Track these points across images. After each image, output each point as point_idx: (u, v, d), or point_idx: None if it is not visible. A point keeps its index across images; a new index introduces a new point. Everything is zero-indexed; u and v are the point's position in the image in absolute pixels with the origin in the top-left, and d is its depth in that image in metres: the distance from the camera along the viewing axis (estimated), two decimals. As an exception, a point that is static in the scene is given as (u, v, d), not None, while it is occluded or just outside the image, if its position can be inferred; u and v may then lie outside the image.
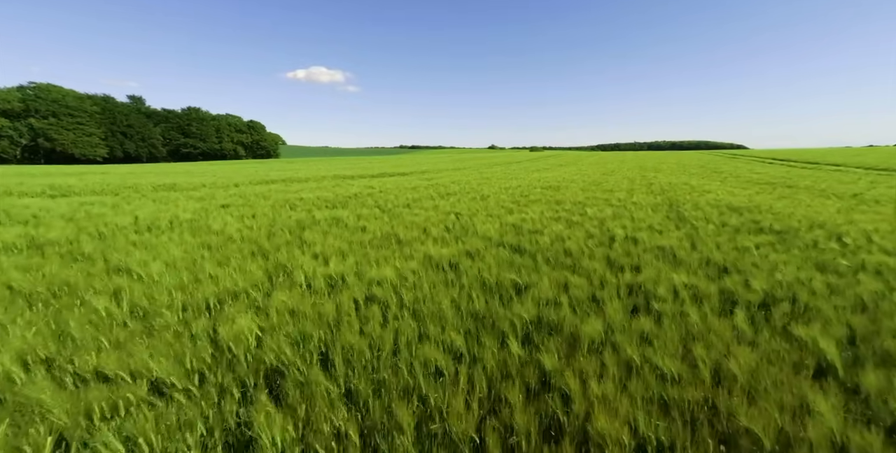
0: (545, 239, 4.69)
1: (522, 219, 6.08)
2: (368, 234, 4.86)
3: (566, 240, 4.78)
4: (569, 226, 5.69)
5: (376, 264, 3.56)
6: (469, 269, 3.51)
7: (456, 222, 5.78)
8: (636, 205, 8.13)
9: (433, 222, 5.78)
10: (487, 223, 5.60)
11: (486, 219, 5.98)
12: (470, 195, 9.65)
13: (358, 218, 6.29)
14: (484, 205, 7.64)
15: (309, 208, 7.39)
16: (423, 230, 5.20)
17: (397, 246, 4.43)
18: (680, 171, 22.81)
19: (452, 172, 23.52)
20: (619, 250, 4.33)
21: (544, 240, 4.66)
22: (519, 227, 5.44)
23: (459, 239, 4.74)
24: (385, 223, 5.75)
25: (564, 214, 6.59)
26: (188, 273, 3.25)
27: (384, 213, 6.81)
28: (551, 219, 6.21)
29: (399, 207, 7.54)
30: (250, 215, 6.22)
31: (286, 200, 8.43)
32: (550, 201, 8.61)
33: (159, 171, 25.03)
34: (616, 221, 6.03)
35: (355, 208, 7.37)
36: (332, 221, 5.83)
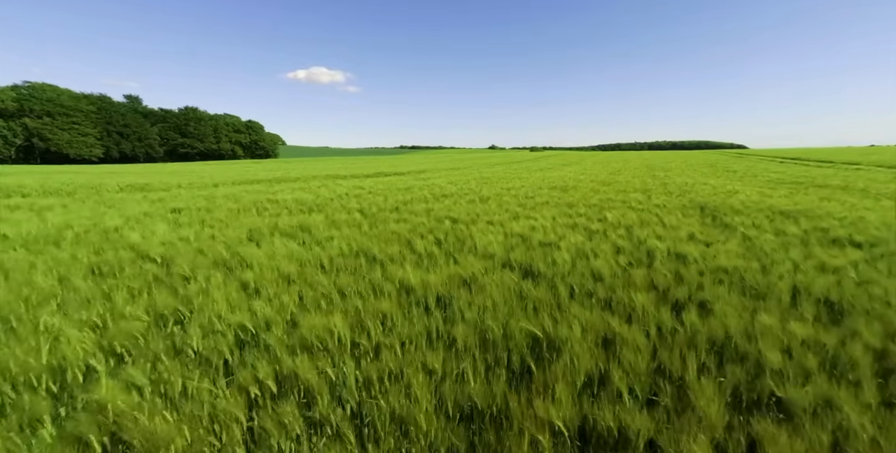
0: (563, 255, 3.55)
1: (531, 226, 4.95)
2: (334, 249, 3.72)
3: (591, 257, 3.65)
4: (590, 237, 4.56)
5: (325, 303, 2.43)
6: (464, 309, 2.38)
7: (450, 232, 4.64)
8: (661, 208, 7.00)
9: (422, 231, 4.65)
10: (488, 233, 4.47)
11: (486, 227, 4.84)
12: (468, 197, 8.51)
13: (331, 225, 5.17)
14: (484, 210, 6.51)
15: (278, 213, 6.26)
16: (408, 243, 4.07)
17: (368, 267, 3.30)
18: (691, 170, 21.66)
19: (450, 172, 22.39)
20: (666, 272, 3.21)
21: (562, 257, 3.53)
22: (528, 239, 4.31)
23: (452, 256, 3.61)
24: (361, 233, 4.62)
25: (581, 220, 5.46)
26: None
27: (365, 219, 5.68)
28: (566, 227, 5.07)
29: (385, 211, 6.41)
30: (198, 222, 5.10)
31: (256, 203, 7.31)
32: (560, 204, 7.47)
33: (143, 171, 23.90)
34: (646, 229, 4.90)
35: (333, 212, 6.24)
36: (295, 230, 4.70)
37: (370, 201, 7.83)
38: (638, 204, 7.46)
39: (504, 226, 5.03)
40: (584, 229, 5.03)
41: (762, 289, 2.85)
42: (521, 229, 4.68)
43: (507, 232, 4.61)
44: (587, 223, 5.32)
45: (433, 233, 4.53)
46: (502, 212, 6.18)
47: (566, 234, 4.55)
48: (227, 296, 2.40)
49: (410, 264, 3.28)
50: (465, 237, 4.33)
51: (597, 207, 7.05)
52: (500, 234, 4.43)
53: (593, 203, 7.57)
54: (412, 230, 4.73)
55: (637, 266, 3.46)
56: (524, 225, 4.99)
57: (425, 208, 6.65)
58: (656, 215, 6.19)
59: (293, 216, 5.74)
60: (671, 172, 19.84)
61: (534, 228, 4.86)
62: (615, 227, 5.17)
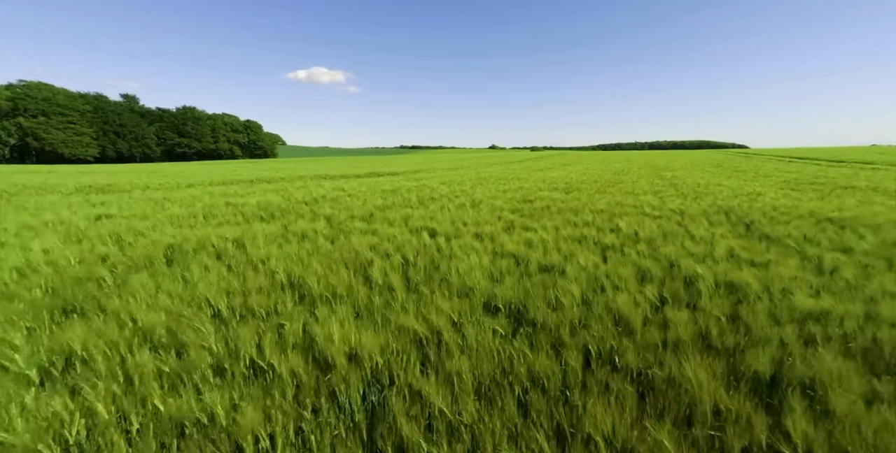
0: (571, 288, 2.55)
1: (528, 241, 3.94)
2: (259, 278, 2.72)
3: (610, 289, 2.65)
4: (603, 256, 3.55)
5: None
6: (410, 413, 1.38)
7: (424, 250, 3.64)
8: (681, 214, 6.00)
9: (389, 249, 3.64)
10: (473, 252, 3.45)
11: (472, 243, 3.82)
12: (458, 200, 7.50)
13: (279, 238, 4.16)
14: (474, 217, 5.50)
15: (226, 221, 5.25)
16: (363, 270, 3.07)
17: (287, 313, 2.30)
18: (698, 170, 20.64)
19: (446, 172, 21.38)
20: (721, 316, 2.21)
21: (570, 291, 2.52)
22: (523, 261, 3.30)
23: (417, 291, 2.61)
24: (312, 250, 3.62)
25: (590, 232, 4.45)
26: None
27: (328, 229, 4.68)
28: (572, 242, 4.06)
29: (355, 219, 5.40)
30: (112, 233, 4.09)
31: (211, 207, 6.31)
32: (563, 209, 6.47)
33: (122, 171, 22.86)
34: (672, 243, 3.89)
35: (294, 220, 5.23)
36: (227, 245, 3.69)
37: (345, 205, 6.83)
38: (652, 209, 6.46)
39: (494, 240, 4.03)
40: (595, 244, 4.03)
41: (882, 352, 1.85)
42: (516, 246, 3.67)
43: (498, 250, 3.60)
44: (598, 235, 4.31)
45: (402, 251, 3.52)
46: (495, 221, 5.18)
47: (573, 252, 3.54)
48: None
49: (352, 306, 2.28)
50: (443, 258, 3.32)
51: (606, 213, 6.04)
52: (487, 254, 3.42)
53: (601, 208, 6.57)
54: (377, 246, 3.72)
55: (676, 304, 2.46)
56: (520, 239, 3.98)
57: (404, 215, 5.64)
58: (678, 223, 5.19)
59: (240, 226, 4.73)
60: (678, 172, 18.83)
61: (531, 244, 3.85)
62: (633, 241, 4.16)
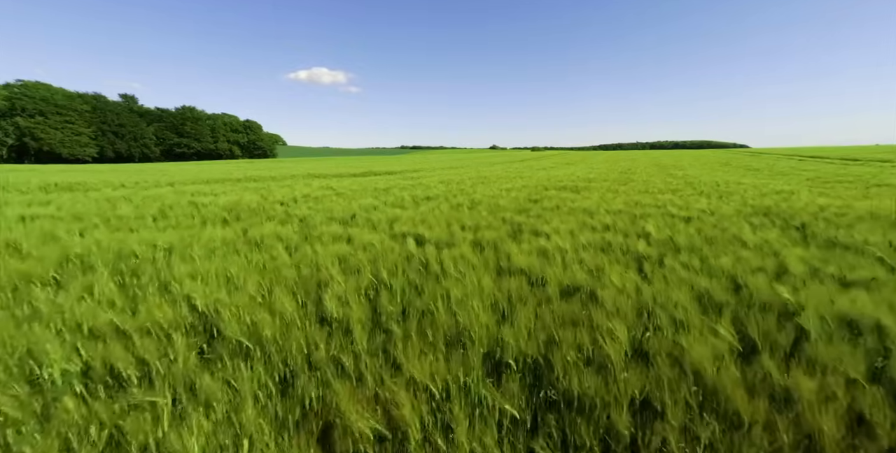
0: (613, 326, 1.70)
1: (541, 251, 3.09)
2: (146, 316, 1.88)
3: (667, 326, 1.80)
4: (641, 272, 2.70)
5: None
6: None
7: (407, 263, 2.79)
8: (713, 215, 5.14)
9: (360, 262, 2.80)
10: (470, 268, 2.60)
11: (470, 253, 2.96)
12: (455, 200, 6.66)
13: (227, 248, 3.32)
14: (473, 220, 4.65)
15: (177, 224, 4.41)
16: (316, 296, 2.23)
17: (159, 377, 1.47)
18: (708, 169, 19.78)
19: (445, 171, 20.54)
20: (866, 386, 1.37)
21: (612, 330, 1.68)
22: (538, 281, 2.46)
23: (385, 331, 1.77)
24: (261, 264, 2.78)
25: (615, 238, 3.59)
26: None
27: (295, 235, 3.84)
28: (595, 250, 3.22)
29: (333, 222, 4.56)
30: (8, 243, 3.26)
31: (171, 207, 5.48)
32: (576, 210, 5.62)
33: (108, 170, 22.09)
34: (724, 253, 3.03)
35: (258, 224, 4.39)
36: (147, 258, 2.86)
37: (327, 206, 6.00)
38: (678, 209, 5.61)
39: (499, 249, 3.18)
40: (625, 254, 3.18)
41: None
42: (526, 257, 2.81)
43: (503, 263, 2.75)
44: (625, 242, 3.45)
45: (377, 265, 2.68)
46: (498, 224, 4.33)
47: (601, 266, 2.69)
48: None
49: (280, 365, 1.43)
50: (429, 278, 2.47)
51: (626, 215, 5.19)
52: (489, 270, 2.57)
53: (618, 208, 5.72)
54: (348, 259, 2.87)
55: (774, 353, 1.62)
56: (530, 248, 3.13)
57: (391, 217, 4.80)
58: (715, 226, 4.34)
59: (189, 230, 3.89)
60: (688, 170, 17.97)
61: (546, 254, 3.00)
62: (672, 250, 3.31)
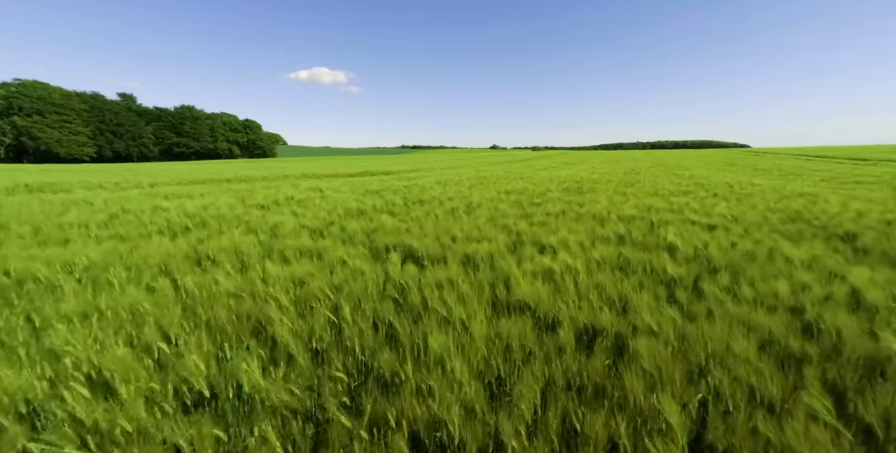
0: (664, 408, 1.12)
1: (547, 271, 2.49)
2: None
3: (748, 409, 1.21)
4: (676, 302, 2.11)
5: None
6: None
7: (378, 289, 2.19)
8: (738, 222, 4.54)
9: (319, 290, 2.20)
10: (458, 299, 2.00)
11: (460, 274, 2.36)
12: (451, 203, 6.06)
13: (162, 266, 2.72)
14: (468, 227, 4.05)
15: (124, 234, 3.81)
16: (245, 344, 1.63)
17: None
18: (715, 169, 19.16)
19: (443, 171, 19.95)
20: None
21: (661, 413, 1.10)
22: (546, 319, 1.86)
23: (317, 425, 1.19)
24: (178, 302, 2.19)
25: (634, 253, 2.98)
26: None
27: (259, 247, 3.24)
28: (614, 270, 2.62)
29: (305, 232, 3.97)
30: None
31: (127, 212, 4.89)
32: (584, 216, 5.02)
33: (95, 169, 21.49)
34: (775, 276, 2.43)
35: (219, 233, 3.80)
36: (50, 284, 2.28)
37: (308, 210, 5.40)
38: (697, 214, 5.01)
39: (496, 268, 2.58)
40: (650, 275, 2.58)
41: None
42: (529, 282, 2.21)
43: (500, 292, 2.15)
44: (648, 258, 2.85)
45: (343, 294, 2.08)
46: (495, 234, 3.72)
47: (625, 295, 2.10)
48: None
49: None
50: (404, 316, 1.87)
51: (641, 221, 4.60)
52: (483, 303, 1.97)
53: (631, 213, 5.12)
54: (307, 283, 2.27)
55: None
56: (534, 267, 2.53)
57: (376, 225, 4.20)
58: (745, 236, 3.73)
59: (134, 241, 3.29)
60: (694, 170, 17.35)
61: (553, 277, 2.40)
62: (706, 269, 2.71)
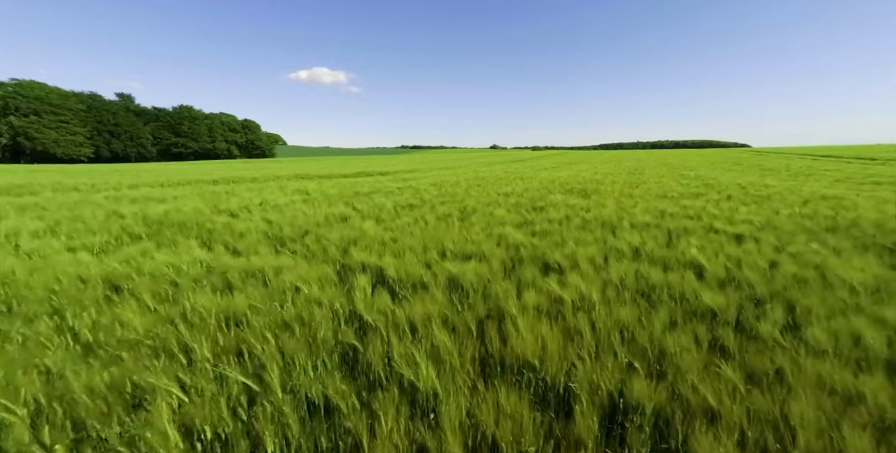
0: None
1: (555, 303, 1.94)
2: None
3: None
4: (728, 356, 1.56)
5: None
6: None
7: (328, 351, 1.65)
8: (769, 229, 3.99)
9: (254, 338, 1.66)
10: (431, 359, 1.46)
11: (442, 309, 1.82)
12: (444, 208, 5.51)
13: (43, 305, 2.18)
14: (460, 239, 3.50)
15: (24, 253, 3.28)
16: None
17: None
18: (720, 169, 18.62)
19: (441, 171, 19.40)
20: None
21: None
22: (555, 399, 1.32)
23: None
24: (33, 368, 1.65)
25: (656, 274, 2.42)
26: None
27: (200, 267, 2.70)
28: (634, 298, 2.08)
29: (268, 246, 3.42)
30: None
31: (69, 220, 4.36)
32: (591, 223, 4.47)
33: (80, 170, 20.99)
34: (844, 309, 1.89)
35: (160, 247, 3.26)
36: None
37: (284, 217, 4.85)
38: (718, 221, 4.44)
39: (488, 300, 2.02)
40: (680, 304, 2.03)
41: None
42: (530, 325, 1.65)
43: (491, 343, 1.60)
44: (672, 280, 2.30)
45: (281, 342, 1.53)
46: (490, 247, 3.17)
47: (658, 343, 1.55)
48: None
49: None
50: (354, 373, 1.33)
51: (657, 231, 4.04)
52: (467, 363, 1.42)
53: (644, 219, 4.56)
54: (244, 321, 1.73)
55: None
56: (538, 299, 1.97)
57: (356, 234, 3.65)
58: (782, 250, 3.18)
59: (36, 261, 2.75)
60: (700, 171, 16.81)
61: (561, 312, 1.86)
62: (749, 297, 2.16)
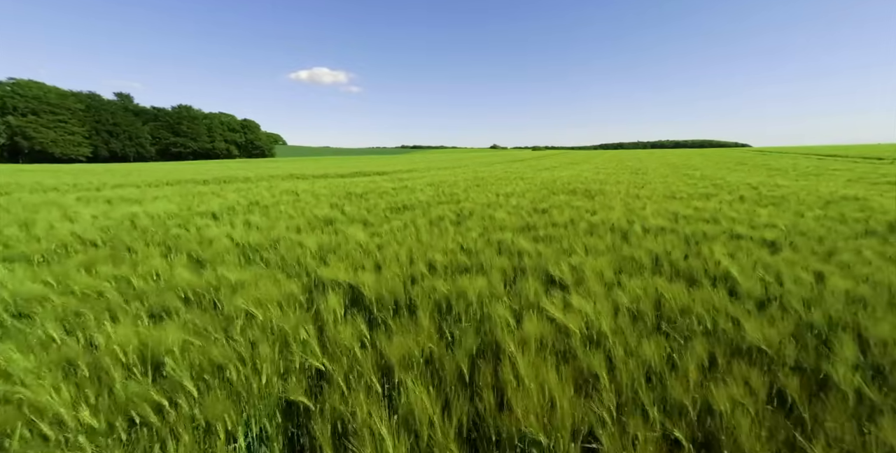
0: None
1: (560, 332, 1.53)
2: None
3: None
4: (802, 433, 1.15)
5: None
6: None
7: (281, 394, 1.24)
8: (791, 234, 3.57)
9: (164, 396, 1.25)
10: (408, 423, 1.06)
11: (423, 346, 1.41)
12: (439, 209, 5.09)
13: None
14: (452, 248, 3.09)
15: None
16: None
17: None
18: (726, 169, 18.19)
19: (440, 171, 18.98)
20: None
21: None
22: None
23: None
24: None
25: (680, 294, 2.01)
26: None
27: (131, 289, 2.28)
28: (653, 325, 1.66)
29: (235, 258, 3.02)
30: None
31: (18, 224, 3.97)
32: (598, 227, 4.05)
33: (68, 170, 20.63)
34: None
35: (98, 262, 2.85)
36: None
37: (267, 221, 4.44)
38: (740, 226, 4.02)
39: (483, 325, 1.61)
40: (721, 341, 1.61)
41: None
42: (532, 371, 1.24)
43: (486, 400, 1.19)
44: (702, 300, 1.88)
45: (203, 402, 1.12)
46: (490, 257, 2.75)
47: (698, 398, 1.14)
48: None
49: None
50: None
51: (673, 236, 3.61)
52: (447, 439, 1.01)
53: (657, 224, 4.13)
54: (159, 364, 1.32)
55: None
56: (539, 328, 1.56)
57: (333, 242, 3.24)
58: (827, 260, 2.76)
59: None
60: (705, 171, 16.38)
61: (569, 348, 1.44)
62: (801, 323, 1.74)
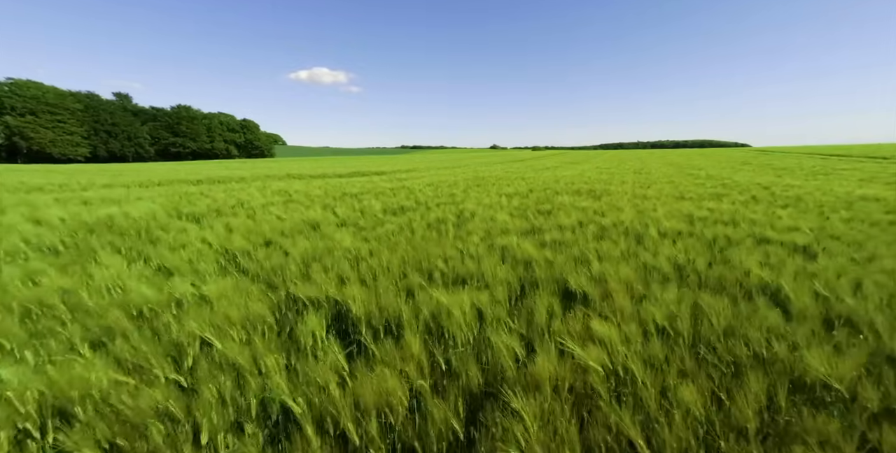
0: None
1: (579, 368, 1.21)
2: None
3: None
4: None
5: None
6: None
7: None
8: (821, 239, 3.24)
9: None
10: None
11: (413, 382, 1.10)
12: (439, 211, 4.76)
13: None
14: (450, 255, 2.76)
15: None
16: None
17: None
18: (731, 169, 17.85)
19: (439, 171, 18.65)
20: None
21: None
22: None
23: None
24: None
25: (720, 308, 1.69)
26: None
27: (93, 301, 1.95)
28: (693, 357, 1.35)
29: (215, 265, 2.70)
30: None
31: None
32: (609, 230, 3.72)
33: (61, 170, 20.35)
34: None
35: (37, 274, 2.53)
36: None
37: (252, 225, 4.12)
38: (764, 228, 3.68)
39: (483, 353, 1.29)
40: (781, 380, 1.29)
41: None
42: (545, 437, 0.92)
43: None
44: (746, 316, 1.56)
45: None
46: (493, 262, 2.42)
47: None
48: None
49: None
50: None
51: (694, 241, 3.27)
52: None
53: (673, 227, 3.80)
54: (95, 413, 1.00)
55: None
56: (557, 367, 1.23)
57: (320, 248, 2.91)
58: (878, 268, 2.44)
59: None
60: (710, 171, 16.05)
61: (593, 394, 1.12)
62: (876, 353, 1.43)
